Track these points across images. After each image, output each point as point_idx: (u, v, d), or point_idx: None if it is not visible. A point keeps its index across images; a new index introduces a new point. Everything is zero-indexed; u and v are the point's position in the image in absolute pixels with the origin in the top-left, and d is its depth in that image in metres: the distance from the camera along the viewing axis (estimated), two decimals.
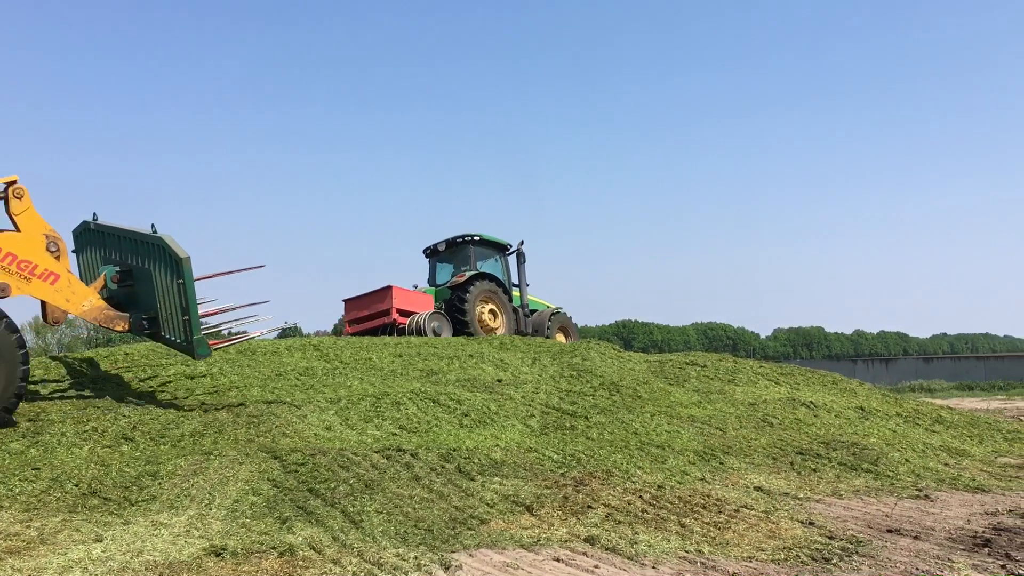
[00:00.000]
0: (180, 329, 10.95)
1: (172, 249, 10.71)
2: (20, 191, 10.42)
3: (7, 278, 10.16)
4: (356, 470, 8.61)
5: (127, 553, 6.24)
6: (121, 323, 11.20)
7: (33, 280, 10.35)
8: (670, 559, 6.81)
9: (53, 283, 10.52)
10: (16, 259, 10.24)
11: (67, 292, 10.68)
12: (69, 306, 10.73)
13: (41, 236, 10.54)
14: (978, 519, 8.66)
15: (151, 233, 11.04)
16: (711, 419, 12.86)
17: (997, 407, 22.92)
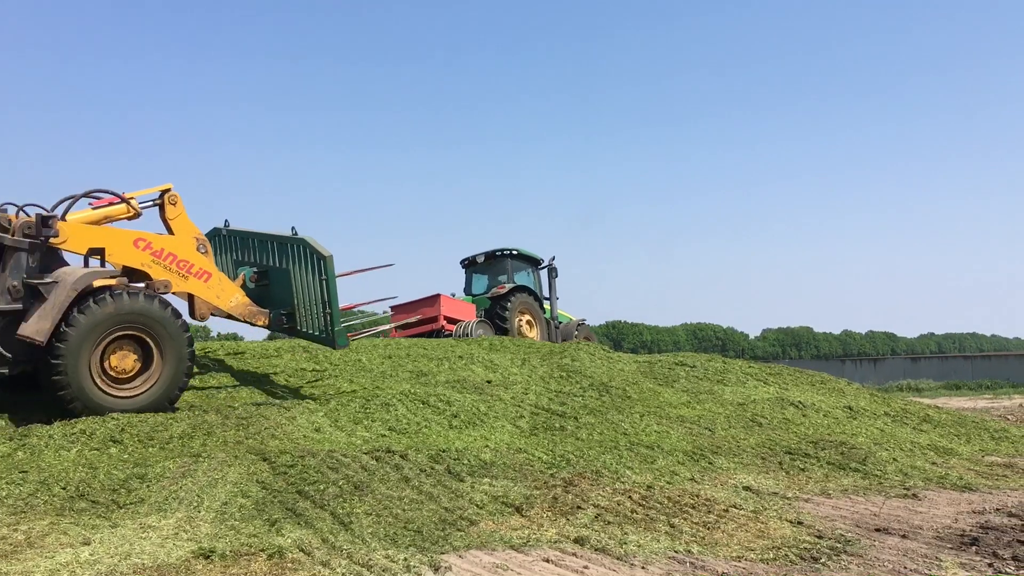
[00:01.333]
0: (320, 322, 12.01)
1: (316, 248, 11.78)
2: (174, 198, 11.60)
3: (168, 276, 11.15)
4: (345, 472, 8.60)
5: (115, 556, 6.21)
6: (262, 318, 12.23)
7: (190, 278, 11.41)
8: (659, 559, 6.83)
9: (206, 281, 11.55)
10: (176, 259, 11.26)
11: (217, 289, 11.71)
12: (219, 302, 11.70)
13: (192, 239, 11.60)
14: (966, 518, 8.70)
15: (293, 235, 12.13)
16: (700, 419, 12.89)
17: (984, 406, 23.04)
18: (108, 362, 10.13)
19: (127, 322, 10.12)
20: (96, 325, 9.90)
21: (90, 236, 10.71)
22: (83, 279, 9.95)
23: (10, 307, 9.94)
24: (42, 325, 9.67)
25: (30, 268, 10.11)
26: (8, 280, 10.00)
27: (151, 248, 11.10)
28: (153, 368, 10.38)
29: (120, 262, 10.89)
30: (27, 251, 10.11)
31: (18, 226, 10.20)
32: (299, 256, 12.14)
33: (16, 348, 9.87)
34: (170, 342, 10.39)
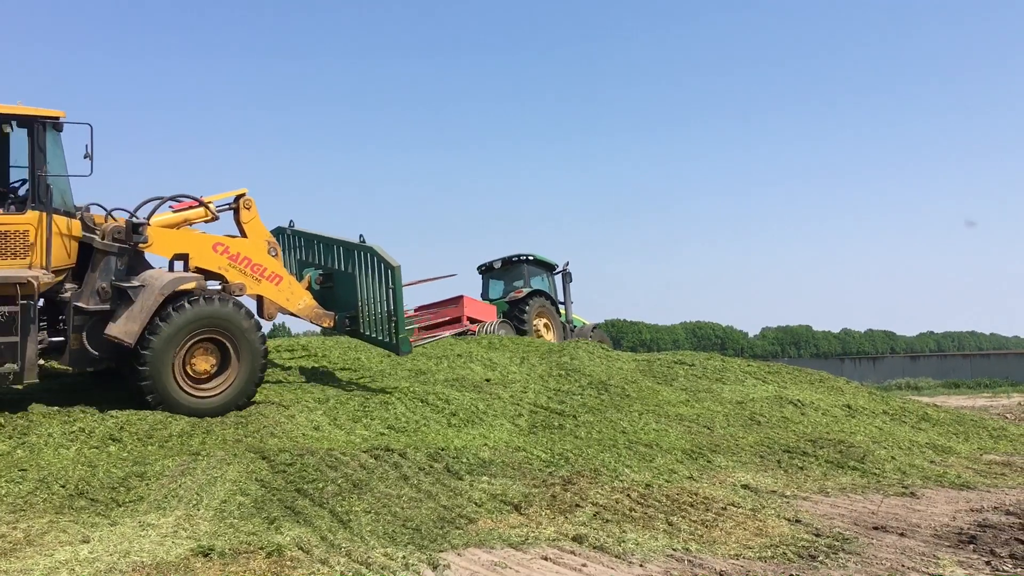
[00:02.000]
0: (384, 328, 12.46)
1: (384, 258, 12.21)
2: (248, 202, 11.95)
3: (243, 279, 11.49)
4: (344, 470, 8.61)
5: (114, 554, 6.22)
6: (328, 320, 12.52)
7: (263, 281, 11.74)
8: (658, 557, 6.84)
9: (277, 284, 11.90)
10: (250, 262, 11.63)
11: (287, 292, 12.05)
12: (288, 304, 12.05)
13: (264, 242, 11.96)
14: (963, 516, 8.72)
15: (361, 242, 12.52)
16: (699, 418, 12.90)
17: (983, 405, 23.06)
18: (190, 363, 10.51)
19: (208, 325, 10.52)
20: (180, 328, 10.31)
21: (175, 241, 11.15)
22: (170, 284, 10.40)
23: (99, 308, 10.30)
24: (130, 327, 10.09)
25: (118, 271, 10.46)
26: (98, 282, 10.36)
27: (228, 252, 11.48)
28: (230, 369, 10.73)
29: (200, 265, 11.23)
30: (116, 254, 10.45)
31: (108, 230, 10.51)
32: (366, 263, 12.54)
33: (103, 346, 10.26)
34: (246, 344, 10.77)
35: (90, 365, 10.54)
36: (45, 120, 9.95)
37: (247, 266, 11.59)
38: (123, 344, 10.10)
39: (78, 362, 10.40)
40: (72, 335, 10.21)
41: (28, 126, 9.94)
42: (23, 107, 9.94)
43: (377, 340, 12.76)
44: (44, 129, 9.95)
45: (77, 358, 10.33)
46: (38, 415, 9.96)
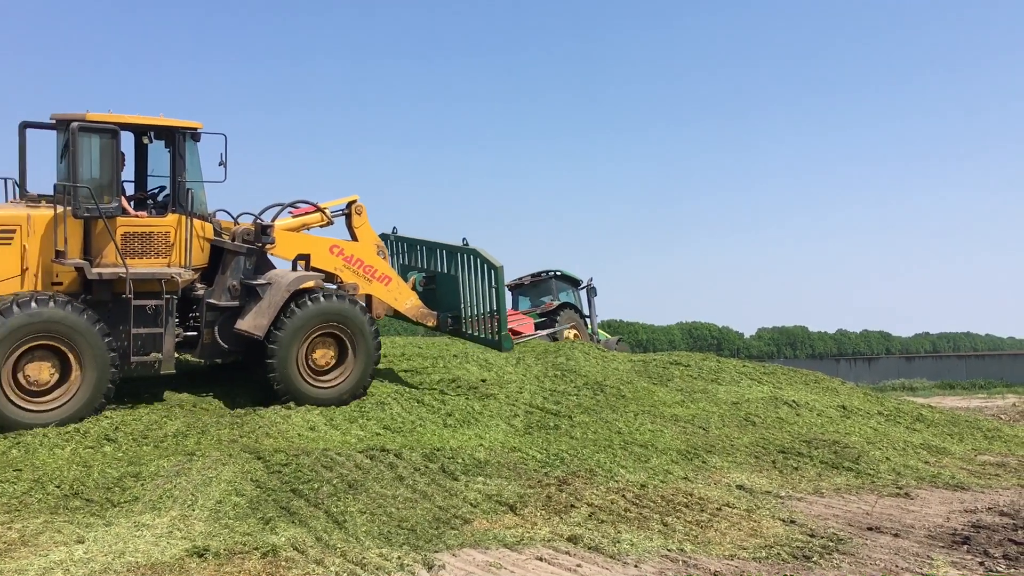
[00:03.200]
0: (486, 326, 13.06)
1: (488, 259, 12.76)
2: (360, 208, 12.75)
3: (355, 279, 12.20)
4: (340, 470, 8.61)
5: (109, 554, 6.22)
6: (431, 320, 13.15)
7: (373, 282, 12.45)
8: (652, 558, 6.86)
9: (387, 284, 12.61)
10: (362, 263, 12.37)
11: (396, 292, 12.76)
12: (396, 303, 12.77)
13: (374, 245, 12.82)
14: (957, 517, 8.75)
15: (464, 245, 13.13)
16: (694, 418, 12.91)
17: (978, 405, 23.10)
18: (312, 356, 11.29)
19: (328, 321, 11.30)
20: (304, 323, 11.10)
21: (297, 243, 11.99)
22: (295, 282, 11.19)
23: (229, 304, 11.14)
24: (260, 321, 10.89)
25: (246, 270, 11.27)
26: (228, 280, 11.18)
27: (343, 254, 12.22)
28: (347, 363, 11.53)
29: (317, 266, 11.97)
30: (245, 255, 11.26)
31: (238, 232, 11.36)
32: (469, 265, 13.12)
33: (232, 340, 11.12)
34: (362, 339, 11.54)
35: (220, 357, 11.43)
36: (185, 131, 10.79)
37: (359, 267, 12.33)
38: (252, 337, 10.88)
39: (210, 355, 11.32)
40: (204, 330, 11.06)
41: (170, 136, 10.77)
42: (165, 119, 10.77)
43: (479, 338, 13.40)
44: (184, 139, 10.77)
45: (209, 351, 11.21)
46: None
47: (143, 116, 10.74)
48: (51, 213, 10.03)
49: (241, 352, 11.32)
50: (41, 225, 10.03)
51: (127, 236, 10.39)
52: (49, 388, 9.74)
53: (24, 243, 9.98)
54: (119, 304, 10.31)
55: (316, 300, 11.19)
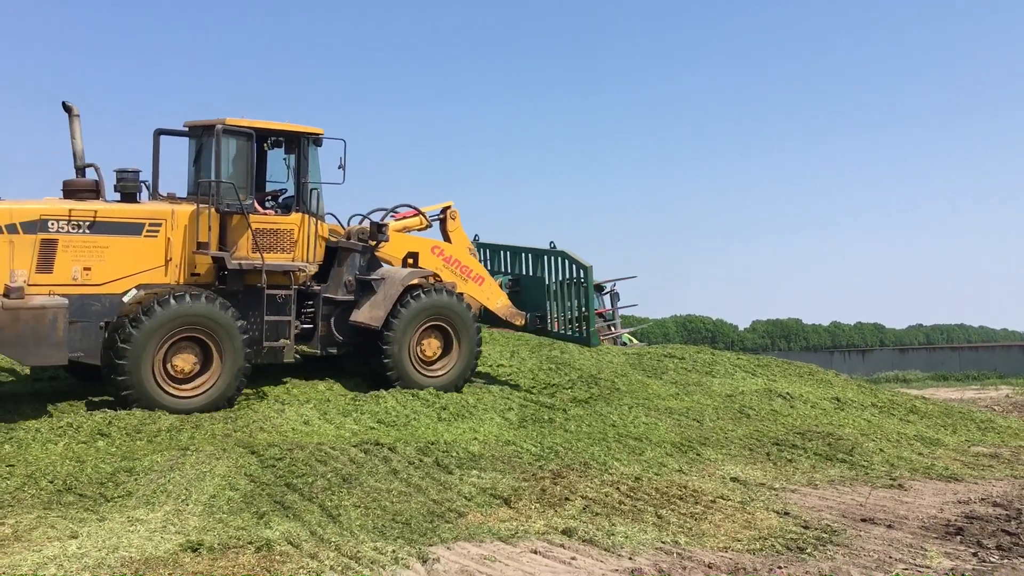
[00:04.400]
0: (574, 324, 13.74)
1: (577, 260, 13.43)
2: (454, 213, 13.58)
3: (453, 278, 13.00)
4: (334, 464, 8.60)
5: (103, 549, 6.20)
6: (520, 319, 13.87)
7: (468, 281, 13.23)
8: (647, 550, 6.86)
9: (480, 284, 13.44)
10: (459, 264, 13.21)
11: (488, 291, 13.60)
12: (487, 302, 13.52)
13: (466, 247, 13.65)
14: (951, 508, 8.77)
15: (552, 248, 13.83)
16: (688, 411, 12.92)
17: (971, 397, 23.14)
18: (421, 347, 12.19)
19: (436, 314, 12.22)
20: (416, 315, 12.02)
21: (405, 243, 12.81)
22: (408, 277, 12.14)
23: (345, 298, 11.97)
24: (376, 313, 11.78)
25: (360, 267, 12.16)
26: (344, 276, 12.02)
27: (443, 255, 13.09)
28: (452, 353, 12.45)
29: (421, 265, 12.80)
30: (360, 252, 12.14)
31: (354, 231, 12.37)
32: (556, 266, 13.83)
33: (346, 331, 11.96)
34: (466, 332, 12.47)
35: (334, 348, 12.08)
36: (309, 136, 11.55)
37: (457, 267, 13.17)
38: (370, 328, 11.74)
39: (326, 345, 12.01)
40: (321, 322, 11.87)
41: (296, 141, 11.51)
42: (292, 125, 11.54)
43: (566, 336, 14.10)
44: (308, 143, 11.54)
45: (325, 342, 11.98)
46: (26, 410, 9.93)
47: (270, 121, 11.45)
48: (192, 209, 10.77)
49: (353, 343, 12.12)
50: (184, 220, 10.77)
51: (258, 232, 11.05)
52: (192, 376, 10.44)
53: (168, 236, 10.69)
54: (249, 293, 11.10)
55: (427, 294, 12.12)
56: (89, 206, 10.31)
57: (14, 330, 9.38)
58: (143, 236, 10.54)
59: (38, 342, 9.53)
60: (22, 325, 9.42)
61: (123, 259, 10.39)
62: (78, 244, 10.13)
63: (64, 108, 11.34)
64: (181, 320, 10.18)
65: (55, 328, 9.57)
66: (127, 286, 10.39)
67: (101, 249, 10.25)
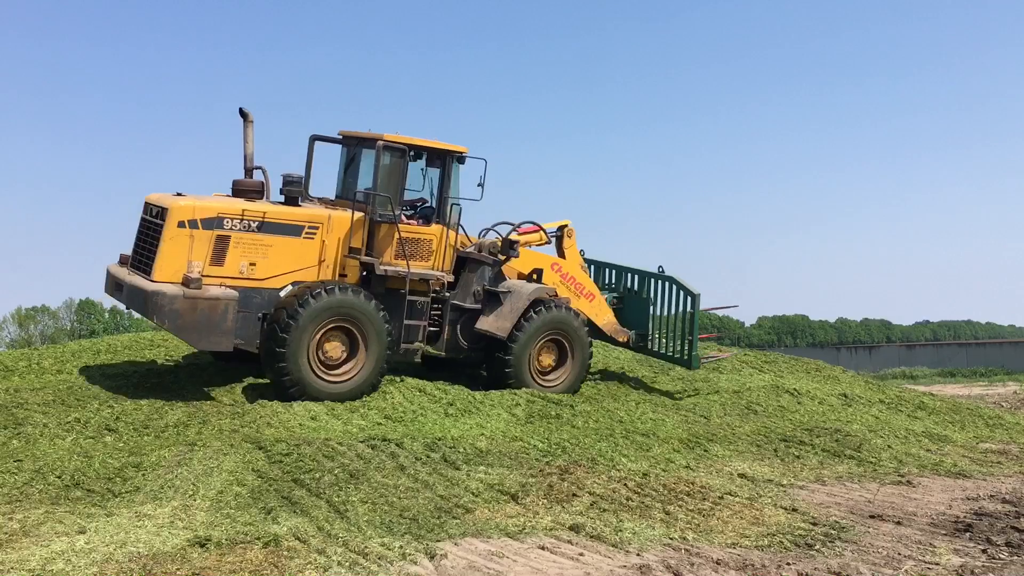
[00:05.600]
0: (676, 345, 14.19)
1: (685, 286, 14.07)
2: (571, 231, 14.10)
3: (568, 294, 13.57)
4: (341, 460, 8.60)
5: (111, 544, 6.21)
6: (624, 336, 14.35)
7: (581, 298, 13.77)
8: (655, 546, 6.85)
9: (591, 301, 13.95)
10: (574, 281, 13.79)
11: (597, 308, 14.02)
12: (596, 318, 13.92)
13: (579, 264, 14.19)
14: (959, 504, 8.74)
15: (660, 272, 14.39)
16: (696, 407, 12.91)
17: (979, 393, 23.11)
18: (539, 357, 12.82)
19: (555, 328, 12.83)
20: (538, 328, 12.63)
21: (532, 259, 13.48)
22: (535, 291, 12.71)
23: (472, 306, 12.63)
24: (502, 323, 12.39)
25: (489, 278, 12.82)
26: (473, 286, 12.67)
27: (560, 271, 13.68)
28: (566, 365, 13.03)
29: (543, 281, 13.40)
30: (489, 265, 12.78)
31: (485, 244, 12.95)
32: (663, 289, 14.37)
33: (471, 338, 12.64)
34: (580, 346, 13.05)
35: (458, 353, 12.75)
36: (454, 153, 12.23)
37: (572, 284, 13.73)
38: (496, 337, 12.35)
39: (450, 350, 12.64)
40: (448, 327, 12.51)
41: (442, 158, 12.22)
42: (439, 143, 12.17)
43: (667, 356, 14.49)
44: (452, 161, 12.23)
45: (450, 346, 12.61)
46: (33, 406, 9.95)
47: (421, 139, 12.07)
48: (346, 215, 11.59)
49: (475, 350, 12.78)
50: (338, 224, 11.59)
51: (403, 240, 11.79)
52: (339, 363, 11.18)
53: (324, 239, 11.50)
54: (389, 297, 11.77)
55: (548, 309, 12.73)
56: (259, 207, 11.17)
57: (192, 317, 10.39)
58: (302, 237, 11.38)
59: (211, 329, 10.53)
60: (198, 313, 10.43)
61: (283, 257, 11.24)
62: (247, 242, 11.00)
63: (240, 114, 12.16)
64: (333, 310, 10.95)
65: (226, 317, 10.60)
66: (284, 282, 11.24)
67: (266, 247, 11.12)
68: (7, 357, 13.24)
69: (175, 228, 10.63)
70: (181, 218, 10.64)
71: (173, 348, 14.25)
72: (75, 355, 13.41)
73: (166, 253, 10.61)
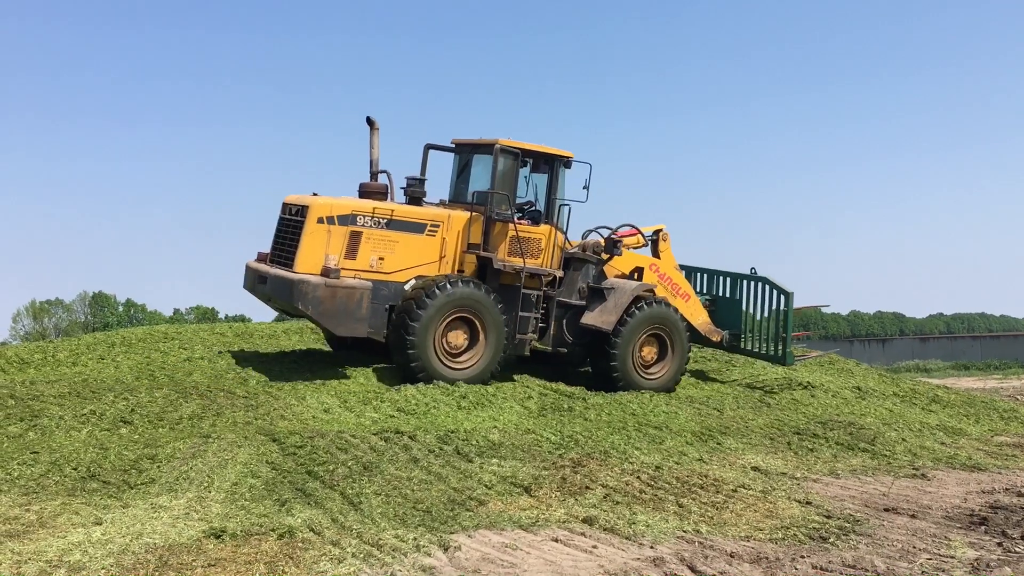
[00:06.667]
0: (769, 343, 14.78)
1: (779, 286, 14.63)
2: (666, 235, 14.72)
3: (666, 294, 14.14)
4: (355, 452, 8.62)
5: (127, 536, 6.24)
6: (717, 336, 14.90)
7: (677, 298, 14.33)
8: (668, 539, 6.84)
9: (687, 301, 14.51)
10: (671, 281, 14.43)
11: (692, 308, 14.61)
12: (691, 318, 14.38)
13: (674, 266, 14.69)
14: (974, 498, 8.70)
15: (752, 274, 14.99)
16: (709, 400, 12.89)
17: (993, 386, 22.97)
18: (641, 351, 13.35)
19: (656, 324, 13.39)
20: (640, 323, 13.19)
21: (632, 259, 14.26)
22: (638, 288, 13.34)
23: (577, 303, 13.37)
24: (607, 318, 13.02)
25: (593, 276, 13.65)
26: (578, 283, 13.46)
27: (658, 271, 14.35)
28: (667, 359, 13.56)
29: (644, 280, 14.12)
30: (594, 264, 13.64)
31: (590, 244, 13.81)
32: (756, 290, 14.98)
33: (575, 332, 13.35)
34: (680, 341, 13.60)
35: (562, 347, 13.44)
36: (561, 158, 12.97)
37: (668, 283, 14.37)
38: (601, 331, 12.96)
39: (555, 343, 13.35)
40: (554, 322, 13.22)
41: (550, 161, 12.98)
42: (548, 147, 12.93)
43: (759, 353, 15.05)
44: (559, 164, 12.97)
45: (555, 340, 13.33)
46: (49, 398, 10.01)
47: (532, 143, 12.80)
48: (464, 214, 12.57)
49: (579, 344, 13.47)
50: (457, 223, 12.53)
51: (517, 239, 12.62)
52: (461, 351, 12.10)
53: (444, 236, 12.45)
54: (503, 291, 12.54)
55: (649, 305, 13.29)
56: (388, 206, 12.17)
57: (331, 304, 11.40)
58: (424, 235, 12.33)
59: (348, 316, 11.53)
60: (337, 300, 11.43)
61: (408, 253, 12.21)
62: (377, 238, 12.01)
63: (367, 122, 13.21)
64: (457, 302, 11.85)
65: (361, 306, 11.61)
66: (408, 276, 12.19)
67: (393, 243, 12.11)
68: (23, 350, 13.32)
69: (314, 224, 11.67)
70: (320, 215, 11.68)
71: (186, 341, 14.33)
72: (90, 348, 13.48)
73: (306, 246, 11.65)
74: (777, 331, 14.64)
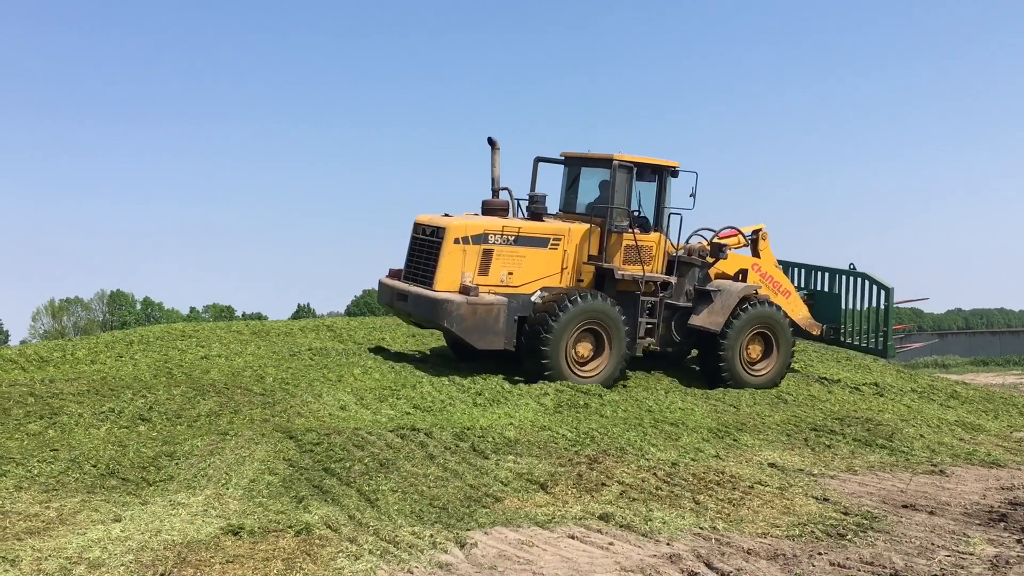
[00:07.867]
0: (869, 337, 15.36)
1: (879, 281, 15.04)
2: (765, 235, 15.08)
3: (767, 292, 14.48)
4: (371, 449, 8.64)
5: (145, 532, 6.29)
6: (817, 329, 15.33)
7: (778, 295, 14.68)
8: (685, 536, 6.83)
9: (787, 297, 14.91)
10: (772, 279, 14.80)
11: (793, 304, 14.96)
12: (792, 314, 14.70)
13: (774, 264, 15.14)
14: (994, 494, 8.64)
15: (852, 269, 15.38)
16: (725, 396, 12.84)
17: (1013, 382, 22.78)
18: (747, 349, 13.78)
19: (762, 323, 13.79)
20: (747, 323, 13.61)
21: (737, 261, 14.65)
22: (744, 290, 13.74)
23: (684, 305, 13.78)
24: (715, 319, 13.43)
25: (699, 279, 14.00)
26: (685, 286, 13.86)
27: (761, 271, 14.73)
28: (772, 356, 13.97)
29: (747, 280, 14.49)
30: (699, 267, 13.97)
31: (694, 249, 14.09)
32: (855, 285, 15.36)
33: (682, 333, 13.81)
34: (784, 339, 14.00)
35: (670, 347, 14.01)
36: (669, 168, 13.41)
37: (770, 282, 14.73)
38: (709, 332, 13.40)
39: (664, 343, 13.81)
40: (662, 324, 13.60)
41: (658, 172, 13.45)
42: (656, 159, 13.32)
43: (859, 346, 15.69)
44: (667, 174, 13.42)
45: (664, 341, 13.80)
46: (68, 396, 10.08)
47: (643, 156, 13.19)
48: (583, 227, 13.13)
49: (687, 344, 14.16)
50: (576, 235, 13.10)
51: (631, 247, 13.17)
52: (588, 360, 12.68)
53: (565, 248, 13.05)
54: (620, 298, 12.98)
55: (754, 306, 13.67)
56: (515, 223, 12.91)
57: (473, 320, 12.15)
58: (548, 248, 12.95)
59: (487, 331, 12.29)
60: (478, 317, 12.18)
61: (534, 266, 12.84)
62: (506, 254, 12.69)
63: (489, 142, 13.81)
64: (586, 315, 12.45)
65: (498, 320, 12.36)
66: (534, 288, 12.81)
67: (520, 258, 12.76)
68: (42, 348, 13.45)
69: (451, 244, 12.40)
70: (456, 235, 12.41)
71: (203, 339, 14.41)
72: (108, 346, 13.58)
73: (444, 266, 12.39)
74: (877, 324, 15.09)
